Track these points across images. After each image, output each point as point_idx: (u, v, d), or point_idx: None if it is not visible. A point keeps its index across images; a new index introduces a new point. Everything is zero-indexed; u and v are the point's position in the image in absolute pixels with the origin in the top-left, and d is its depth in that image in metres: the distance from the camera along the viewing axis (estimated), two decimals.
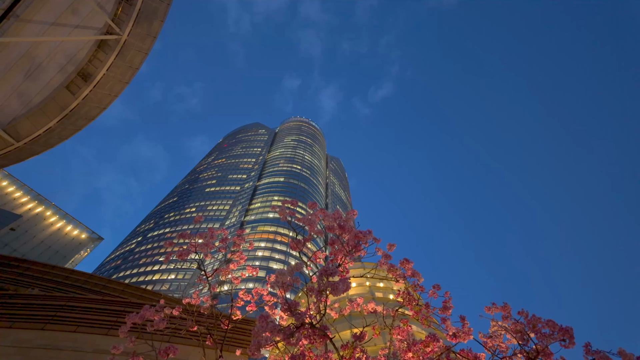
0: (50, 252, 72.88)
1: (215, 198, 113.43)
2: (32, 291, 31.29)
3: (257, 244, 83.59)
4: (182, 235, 5.87)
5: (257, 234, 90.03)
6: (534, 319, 4.31)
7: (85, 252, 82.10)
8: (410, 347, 5.26)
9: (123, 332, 4.58)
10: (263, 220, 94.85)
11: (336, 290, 3.58)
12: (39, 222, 74.14)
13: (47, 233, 74.72)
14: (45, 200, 77.53)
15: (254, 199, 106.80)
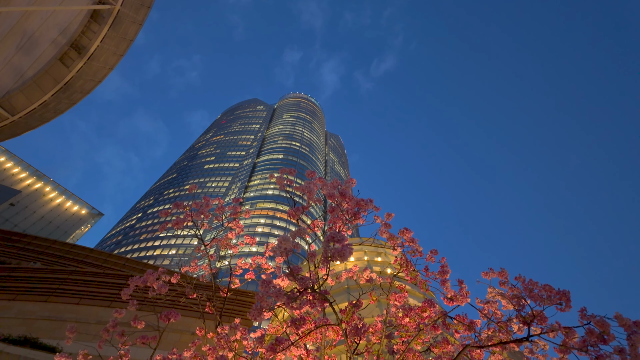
0: (50, 228, 73.39)
1: (214, 175, 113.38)
2: (34, 265, 31.69)
3: (257, 220, 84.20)
4: (177, 205, 5.84)
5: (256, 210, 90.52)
6: (531, 283, 4.34)
7: (86, 228, 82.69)
8: (407, 312, 5.34)
9: (125, 295, 4.62)
10: (262, 197, 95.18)
11: (342, 256, 3.58)
12: (39, 197, 74.27)
13: (47, 209, 74.99)
14: (44, 176, 77.39)
15: (253, 176, 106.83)
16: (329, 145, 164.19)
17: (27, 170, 75.15)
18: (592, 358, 4.30)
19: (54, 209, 76.31)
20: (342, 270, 7.63)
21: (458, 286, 4.83)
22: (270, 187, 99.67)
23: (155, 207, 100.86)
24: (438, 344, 5.53)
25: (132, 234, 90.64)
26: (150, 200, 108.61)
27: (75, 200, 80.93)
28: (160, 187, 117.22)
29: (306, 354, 5.88)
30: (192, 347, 5.54)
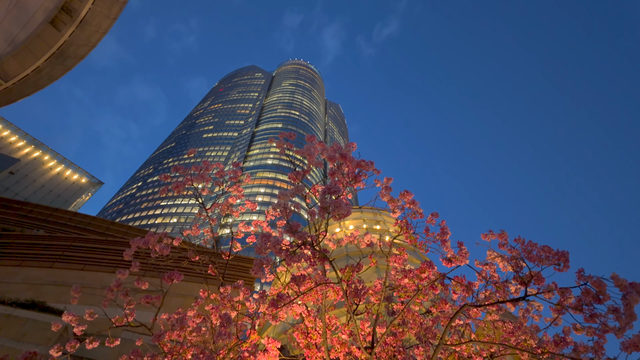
0: (51, 196, 73.79)
1: (213, 144, 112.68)
2: (37, 232, 32.08)
3: (257, 190, 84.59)
4: (177, 168, 5.78)
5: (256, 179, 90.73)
6: (530, 244, 4.38)
7: (87, 197, 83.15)
8: (406, 274, 5.43)
9: (127, 255, 4.67)
10: (262, 166, 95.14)
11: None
12: (38, 166, 74.17)
13: (47, 177, 75.07)
14: (42, 144, 76.93)
15: (253, 146, 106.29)
16: (329, 114, 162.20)
17: (25, 139, 74.60)
18: (586, 317, 4.41)
19: (53, 178, 76.41)
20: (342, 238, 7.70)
21: (458, 248, 4.88)
22: (270, 156, 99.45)
23: (155, 176, 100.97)
24: (436, 303, 5.67)
25: (133, 203, 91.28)
26: (149, 170, 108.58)
27: (75, 169, 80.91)
28: (159, 156, 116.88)
29: (307, 313, 6.04)
30: (196, 306, 5.68)
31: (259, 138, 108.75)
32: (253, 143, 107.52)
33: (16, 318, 18.69)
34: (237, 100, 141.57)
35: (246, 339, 5.47)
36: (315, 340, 6.00)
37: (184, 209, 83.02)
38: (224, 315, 4.35)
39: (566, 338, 4.57)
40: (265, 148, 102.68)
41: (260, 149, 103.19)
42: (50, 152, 77.82)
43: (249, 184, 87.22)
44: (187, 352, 5.04)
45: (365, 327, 6.48)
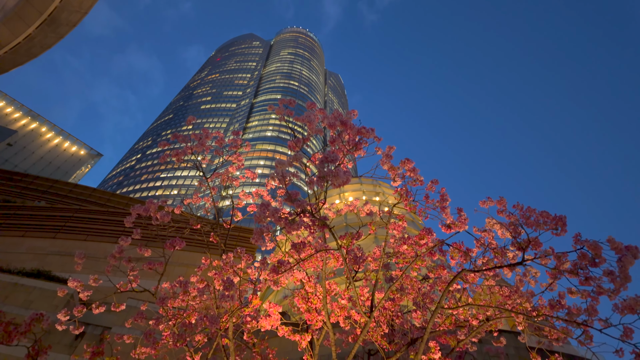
0: (51, 168, 73.73)
1: (211, 115, 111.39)
2: (39, 204, 32.27)
3: (257, 162, 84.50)
4: (176, 136, 5.72)
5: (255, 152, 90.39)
6: (529, 210, 4.40)
7: (86, 169, 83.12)
8: (405, 240, 5.50)
9: (128, 222, 4.70)
10: (261, 138, 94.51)
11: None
12: (36, 138, 73.65)
13: (46, 149, 74.72)
14: (38, 116, 76.06)
15: (251, 117, 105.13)
16: (329, 85, 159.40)
17: (21, 110, 73.65)
18: (581, 281, 4.50)
19: (52, 150, 76.06)
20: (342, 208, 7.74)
21: (457, 214, 4.90)
22: (269, 128, 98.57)
23: (154, 148, 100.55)
24: (434, 269, 5.77)
25: (133, 175, 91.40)
26: (148, 142, 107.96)
27: (73, 141, 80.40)
28: (157, 128, 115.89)
29: (307, 279, 6.16)
30: (199, 271, 5.78)
31: (258, 110, 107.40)
32: (252, 115, 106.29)
33: (23, 287, 19.11)
34: (234, 71, 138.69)
35: (248, 304, 5.61)
36: (315, 305, 6.15)
37: (184, 181, 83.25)
38: (227, 279, 4.43)
39: (561, 301, 4.68)
40: (264, 120, 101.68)
41: (259, 120, 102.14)
42: (47, 124, 77.05)
43: (248, 156, 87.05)
44: (190, 316, 5.18)
45: (364, 293, 6.64)
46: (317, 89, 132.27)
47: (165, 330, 5.33)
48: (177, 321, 5.14)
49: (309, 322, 6.06)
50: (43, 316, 3.45)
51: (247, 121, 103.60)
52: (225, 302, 5.03)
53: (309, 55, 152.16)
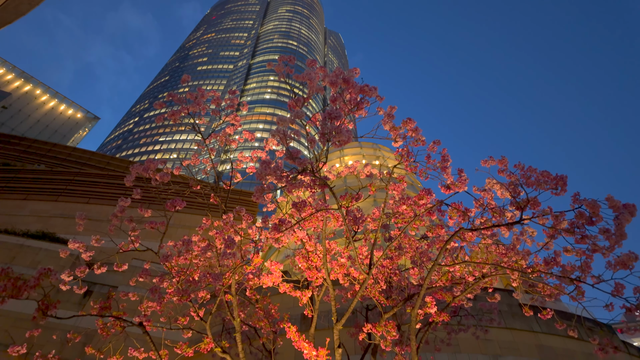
0: (48, 132, 73.07)
1: (207, 77, 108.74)
2: (39, 167, 32.27)
3: (255, 126, 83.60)
4: (172, 96, 5.57)
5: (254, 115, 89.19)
6: (530, 170, 4.39)
7: (84, 132, 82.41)
8: (404, 201, 5.53)
9: (128, 181, 4.69)
10: (260, 101, 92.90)
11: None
12: (31, 101, 72.37)
13: (41, 112, 73.66)
14: (32, 78, 74.29)
15: (249, 79, 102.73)
16: (328, 45, 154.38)
17: (13, 72, 71.79)
18: (577, 239, 4.57)
19: (48, 113, 74.99)
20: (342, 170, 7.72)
21: (457, 175, 4.90)
22: (267, 90, 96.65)
23: (151, 111, 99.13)
24: (432, 228, 5.86)
25: (132, 139, 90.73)
26: (145, 104, 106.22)
27: (69, 104, 79.10)
28: (154, 90, 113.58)
29: (308, 238, 6.27)
30: (200, 230, 5.87)
31: (256, 71, 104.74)
32: (250, 76, 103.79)
33: (29, 248, 19.51)
34: (231, 30, 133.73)
35: (250, 262, 5.73)
36: (315, 263, 6.30)
37: (183, 145, 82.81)
38: (228, 237, 4.50)
39: (556, 258, 4.78)
40: (262, 82, 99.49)
41: (258, 82, 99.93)
42: (41, 86, 75.43)
43: (247, 120, 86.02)
44: (194, 273, 5.31)
45: (363, 252, 6.78)
46: (316, 49, 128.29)
47: (169, 288, 5.49)
48: (180, 278, 5.28)
49: (310, 279, 6.24)
50: (51, 271, 3.53)
51: (245, 83, 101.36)
52: (227, 260, 5.14)
53: (308, 13, 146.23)
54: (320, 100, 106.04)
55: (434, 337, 9.05)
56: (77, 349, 14.58)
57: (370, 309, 8.45)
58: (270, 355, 6.94)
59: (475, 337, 8.25)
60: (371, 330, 5.21)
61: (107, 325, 5.26)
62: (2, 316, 15.82)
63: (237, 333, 5.92)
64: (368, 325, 5.33)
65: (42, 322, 4.11)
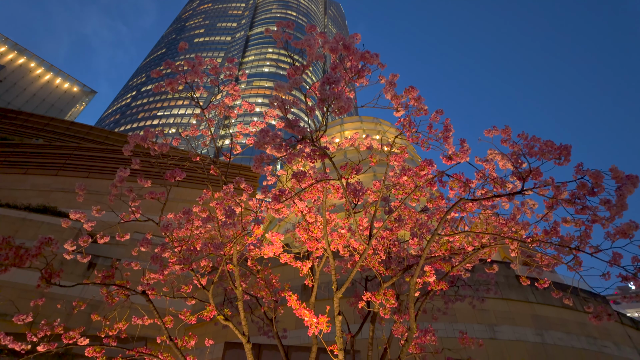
0: (45, 106, 72.17)
1: (205, 49, 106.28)
2: (37, 141, 32.08)
3: (254, 100, 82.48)
4: (169, 63, 5.43)
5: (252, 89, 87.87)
6: (534, 139, 4.33)
7: (81, 106, 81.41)
8: (405, 172, 5.50)
9: (127, 150, 4.64)
10: (258, 74, 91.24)
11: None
12: (26, 74, 71.08)
13: (37, 86, 72.51)
14: (26, 50, 72.63)
15: (247, 51, 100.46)
16: (328, 15, 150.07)
17: (6, 44, 70.09)
18: (577, 210, 4.57)
19: (44, 87, 73.83)
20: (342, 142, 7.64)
21: (459, 145, 4.83)
22: (266, 63, 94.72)
23: (148, 85, 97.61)
24: (432, 199, 5.86)
25: (130, 113, 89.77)
26: (142, 78, 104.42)
27: (65, 77, 77.74)
28: (150, 64, 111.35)
29: (308, 210, 6.28)
30: (200, 201, 5.88)
31: (254, 43, 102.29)
32: (248, 49, 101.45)
33: (31, 221, 19.68)
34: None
35: (251, 233, 5.77)
36: (315, 234, 6.34)
37: (181, 119, 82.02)
38: (228, 208, 4.50)
39: (556, 228, 4.80)
40: (260, 54, 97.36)
41: (256, 55, 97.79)
42: (36, 59, 73.87)
43: (245, 94, 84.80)
44: (195, 242, 5.35)
45: (363, 223, 6.81)
46: (316, 20, 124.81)
47: (171, 258, 5.54)
48: (182, 247, 5.32)
49: (310, 249, 6.29)
50: (52, 240, 3.54)
51: (243, 56, 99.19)
52: (228, 231, 5.16)
53: None
54: (321, 70, 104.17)
55: (431, 306, 9.25)
56: (82, 318, 14.95)
57: (370, 280, 8.60)
58: (272, 323, 7.11)
59: (472, 306, 8.43)
60: (370, 298, 5.29)
61: (112, 293, 5.36)
62: (8, 287, 16.15)
63: (240, 301, 6.04)
64: (367, 293, 5.42)
65: (47, 289, 4.17)
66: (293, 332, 13.74)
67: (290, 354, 10.08)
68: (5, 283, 16.74)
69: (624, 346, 15.63)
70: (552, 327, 15.06)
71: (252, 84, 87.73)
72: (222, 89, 6.15)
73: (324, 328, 4.98)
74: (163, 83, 5.05)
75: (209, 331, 15.01)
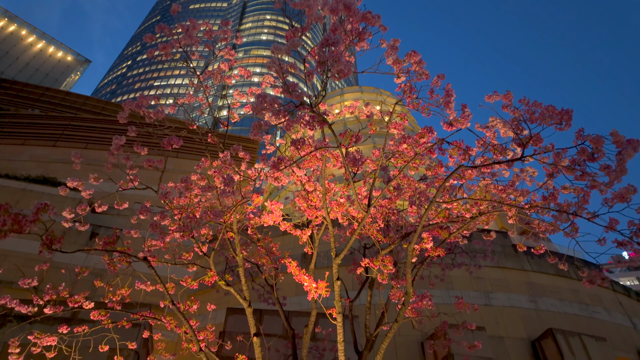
0: (39, 76, 70.77)
1: (200, 16, 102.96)
2: (33, 112, 31.68)
3: (252, 69, 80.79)
4: (161, 27, 5.24)
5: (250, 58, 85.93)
6: (535, 104, 4.25)
7: (76, 76, 79.86)
8: (405, 139, 5.44)
9: (122, 118, 4.57)
10: (256, 42, 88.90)
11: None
12: (17, 42, 69.21)
13: (30, 55, 70.78)
14: (16, 17, 70.35)
15: (244, 19, 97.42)
16: None
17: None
18: (576, 176, 4.56)
19: (37, 56, 72.08)
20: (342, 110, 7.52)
21: (461, 111, 4.75)
22: (264, 31, 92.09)
23: (144, 54, 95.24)
24: (432, 167, 5.84)
25: (126, 83, 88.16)
26: (137, 47, 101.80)
27: (58, 46, 75.75)
28: (145, 32, 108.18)
29: (307, 179, 6.27)
30: (198, 169, 5.86)
31: (251, 9, 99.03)
32: (245, 15, 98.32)
33: (32, 192, 19.75)
34: None
35: (250, 201, 5.78)
36: (315, 203, 6.36)
37: (178, 89, 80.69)
38: (227, 176, 4.48)
39: (554, 194, 4.81)
40: (258, 22, 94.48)
41: (253, 22, 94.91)
42: (27, 26, 71.70)
43: (243, 63, 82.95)
44: (195, 210, 5.38)
45: (362, 192, 6.82)
46: None
47: (171, 225, 5.58)
48: (182, 215, 5.35)
49: (309, 217, 6.34)
50: (48, 206, 3.55)
51: (240, 23, 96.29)
52: (227, 199, 5.17)
53: None
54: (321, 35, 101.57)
55: (428, 273, 9.44)
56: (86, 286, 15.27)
57: (368, 248, 8.72)
58: (273, 289, 7.27)
59: (468, 273, 8.60)
60: (369, 264, 5.39)
61: (114, 260, 5.44)
62: (12, 257, 16.44)
63: (240, 267, 6.14)
64: (366, 260, 5.51)
65: (49, 255, 4.22)
66: (293, 298, 14.11)
67: (290, 319, 10.39)
68: (10, 252, 17.05)
69: (614, 312, 16.11)
70: (546, 294, 15.47)
71: (249, 53, 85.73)
72: (217, 54, 5.98)
73: (323, 293, 5.09)
74: (157, 49, 4.89)
75: (211, 298, 15.42)
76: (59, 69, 75.12)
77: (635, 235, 4.11)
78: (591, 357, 12.17)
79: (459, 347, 11.06)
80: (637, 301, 18.03)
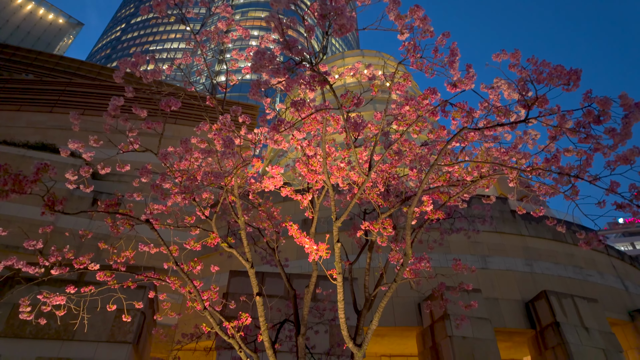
0: (31, 39, 68.69)
1: None
2: (27, 77, 31.01)
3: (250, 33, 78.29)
4: None
5: (248, 20, 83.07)
6: (543, 64, 4.13)
7: (69, 40, 77.52)
8: (407, 101, 5.34)
9: (118, 78, 4.46)
10: (254, 4, 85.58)
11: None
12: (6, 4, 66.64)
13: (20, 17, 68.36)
14: None
15: None
16: None
17: None
18: (580, 139, 4.50)
19: (27, 18, 69.62)
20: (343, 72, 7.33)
21: (465, 71, 4.62)
22: None
23: (137, 17, 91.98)
24: (434, 130, 5.77)
25: (121, 48, 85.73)
26: (131, 9, 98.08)
27: (48, 7, 73.01)
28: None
29: (307, 143, 6.22)
30: (197, 131, 5.80)
31: None
32: None
33: (31, 159, 19.71)
34: None
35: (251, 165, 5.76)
36: (315, 167, 6.35)
37: (175, 54, 78.56)
38: (227, 137, 4.44)
39: (557, 155, 4.78)
40: None
41: None
42: None
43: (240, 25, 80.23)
44: (196, 173, 5.37)
45: (363, 156, 6.79)
46: None
47: (172, 188, 5.60)
48: (183, 177, 5.35)
49: (310, 181, 6.34)
50: (48, 165, 3.53)
51: None
52: (228, 161, 5.15)
53: None
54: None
55: (427, 237, 9.58)
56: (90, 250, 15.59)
57: (368, 213, 8.81)
58: (274, 252, 7.41)
59: (466, 237, 8.74)
60: (368, 227, 5.44)
61: (117, 223, 5.50)
62: (17, 222, 16.68)
63: (242, 230, 6.22)
64: (365, 223, 5.56)
65: (52, 217, 4.27)
66: (294, 262, 14.44)
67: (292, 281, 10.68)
68: (15, 218, 17.29)
69: (608, 275, 16.54)
70: (542, 258, 15.81)
71: (247, 15, 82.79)
72: (213, 11, 5.75)
73: (323, 254, 5.17)
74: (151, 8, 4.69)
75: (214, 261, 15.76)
76: (50, 32, 72.78)
77: (636, 197, 4.12)
78: (582, 317, 12.62)
79: (455, 307, 11.42)
80: (630, 265, 18.47)
